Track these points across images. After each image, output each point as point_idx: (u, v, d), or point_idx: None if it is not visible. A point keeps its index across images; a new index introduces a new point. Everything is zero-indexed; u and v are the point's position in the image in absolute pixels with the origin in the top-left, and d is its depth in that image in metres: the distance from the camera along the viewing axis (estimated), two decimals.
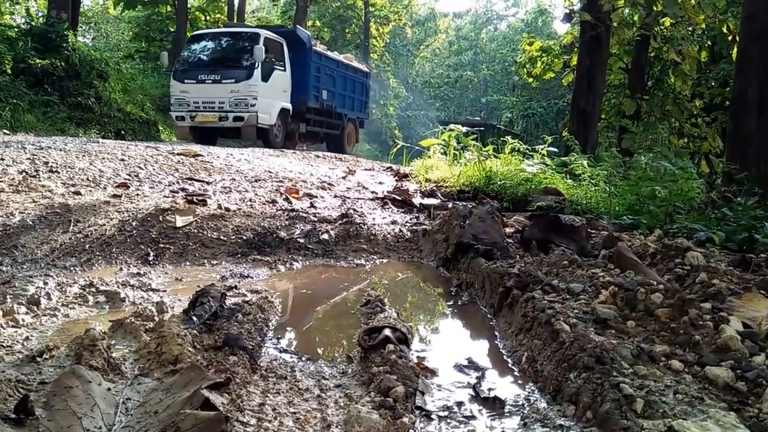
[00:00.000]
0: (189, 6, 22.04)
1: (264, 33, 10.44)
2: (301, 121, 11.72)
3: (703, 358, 1.53)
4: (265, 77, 10.10)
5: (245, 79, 9.82)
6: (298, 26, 13.84)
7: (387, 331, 1.78)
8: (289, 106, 10.96)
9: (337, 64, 13.21)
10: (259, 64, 9.88)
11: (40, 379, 1.47)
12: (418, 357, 1.83)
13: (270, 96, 10.21)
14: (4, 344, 1.75)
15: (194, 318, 1.88)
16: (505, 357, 1.91)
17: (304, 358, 1.82)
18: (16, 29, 12.46)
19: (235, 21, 21.03)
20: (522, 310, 2.02)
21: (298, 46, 11.46)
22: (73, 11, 13.45)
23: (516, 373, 1.78)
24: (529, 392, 1.63)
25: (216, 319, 1.90)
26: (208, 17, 24.52)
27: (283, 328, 2.15)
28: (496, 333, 2.13)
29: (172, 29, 21.82)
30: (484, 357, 1.92)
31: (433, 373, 1.72)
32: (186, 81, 10.12)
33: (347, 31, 30.31)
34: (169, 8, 22.64)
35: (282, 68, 10.76)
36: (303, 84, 11.42)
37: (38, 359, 1.59)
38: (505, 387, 1.67)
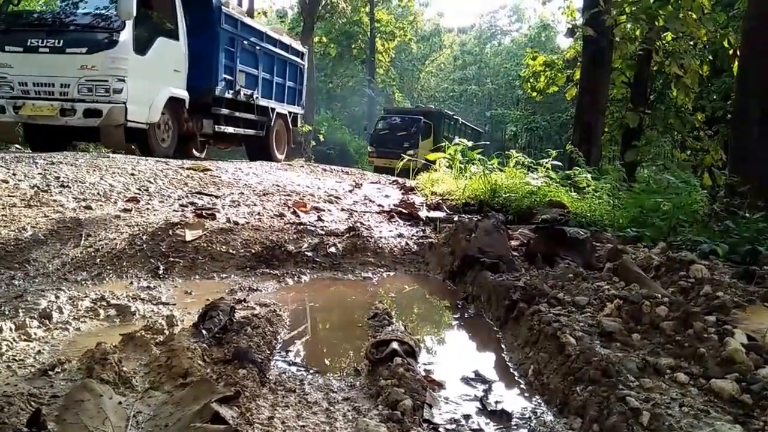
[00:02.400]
0: None
1: None
2: (205, 117, 8.02)
3: (708, 371, 1.54)
4: (142, 47, 6.44)
5: (105, 49, 6.08)
6: None
7: (394, 345, 1.79)
8: (183, 94, 7.35)
9: (260, 36, 9.18)
10: (130, 24, 6.19)
11: (52, 392, 1.48)
12: (425, 370, 1.84)
13: (150, 77, 6.57)
14: (17, 358, 1.76)
15: (204, 331, 1.90)
16: (511, 370, 1.92)
17: (312, 371, 1.84)
18: None
19: None
20: (528, 323, 2.04)
21: (201, 4, 7.68)
22: None
23: (523, 386, 1.79)
24: (535, 405, 1.64)
25: (225, 332, 1.92)
26: None
27: (291, 341, 2.17)
28: (503, 346, 2.15)
29: None
30: (490, 370, 1.93)
31: (440, 386, 1.73)
32: (7, 48, 6.25)
33: (353, 46, 30.75)
34: None
35: (172, 35, 7.06)
36: (208, 62, 7.76)
37: (50, 373, 1.61)
38: (512, 400, 1.68)
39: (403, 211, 4.87)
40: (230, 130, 8.77)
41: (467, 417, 1.53)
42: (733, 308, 1.84)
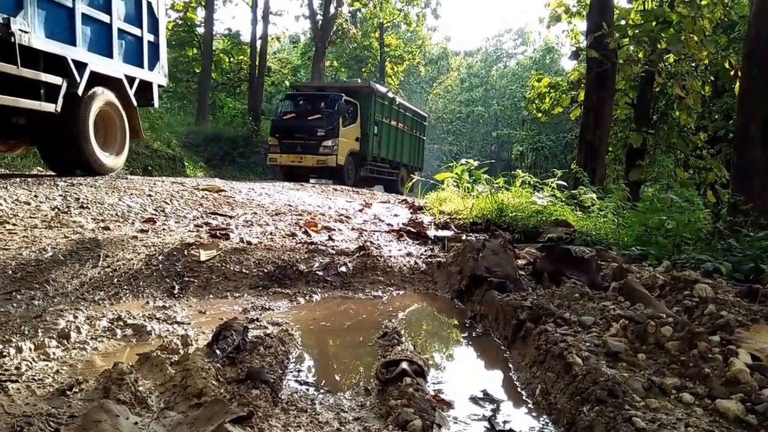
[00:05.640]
0: (213, 49, 23.32)
1: None
2: None
3: (713, 391, 1.55)
4: None
5: None
6: None
7: (404, 364, 1.82)
8: None
9: None
10: None
11: (70, 412, 1.50)
12: (434, 389, 1.86)
13: None
14: (36, 377, 1.78)
15: (218, 351, 1.93)
16: (519, 389, 1.94)
17: (323, 391, 1.86)
18: None
19: (257, 63, 21.29)
20: (535, 343, 2.06)
21: None
22: None
23: (530, 406, 1.80)
24: (543, 425, 1.65)
25: (239, 352, 1.95)
26: (231, 59, 25.77)
27: (302, 360, 2.21)
28: (510, 365, 2.16)
29: (197, 70, 23.03)
30: (498, 389, 1.95)
31: (449, 405, 1.75)
32: None
33: (363, 70, 31.38)
34: (195, 51, 24.03)
35: None
36: None
37: (68, 393, 1.63)
38: (519, 420, 1.70)
39: (412, 230, 4.93)
40: None
41: None
42: (737, 327, 1.86)
